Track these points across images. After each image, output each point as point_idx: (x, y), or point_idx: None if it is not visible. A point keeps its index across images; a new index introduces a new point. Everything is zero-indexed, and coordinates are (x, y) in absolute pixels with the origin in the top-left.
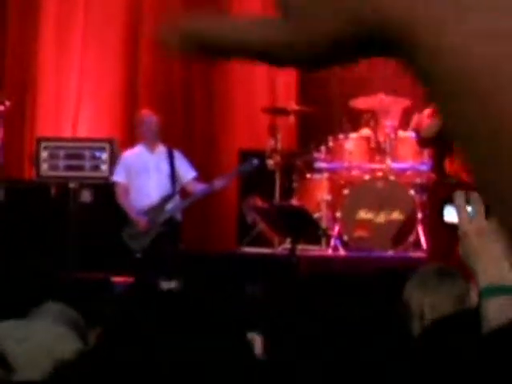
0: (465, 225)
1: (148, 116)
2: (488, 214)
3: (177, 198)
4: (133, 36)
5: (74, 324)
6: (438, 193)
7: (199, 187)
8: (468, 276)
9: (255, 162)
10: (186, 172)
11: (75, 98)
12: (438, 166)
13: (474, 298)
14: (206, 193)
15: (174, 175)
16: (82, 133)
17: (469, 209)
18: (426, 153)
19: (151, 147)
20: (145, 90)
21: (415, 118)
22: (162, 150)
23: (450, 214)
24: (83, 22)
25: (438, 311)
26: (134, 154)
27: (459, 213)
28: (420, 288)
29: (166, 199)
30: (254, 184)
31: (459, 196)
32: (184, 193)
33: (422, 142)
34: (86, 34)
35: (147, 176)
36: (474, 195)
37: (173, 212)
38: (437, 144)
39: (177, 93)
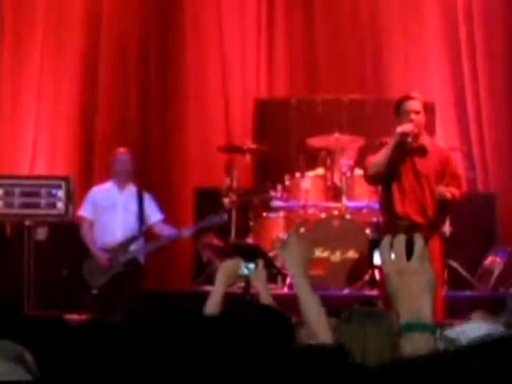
0: (387, 266)
1: (122, 154)
2: (408, 256)
3: (141, 239)
4: (90, 77)
5: (19, 359)
6: (389, 234)
7: (166, 231)
8: None
9: (225, 216)
10: (154, 214)
11: (32, 136)
12: (386, 206)
13: None
14: (173, 239)
15: (141, 216)
16: (40, 170)
17: (392, 252)
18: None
19: (121, 185)
20: (101, 129)
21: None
22: (132, 189)
23: (377, 258)
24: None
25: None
26: (103, 190)
27: (382, 256)
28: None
29: (132, 239)
30: None
31: (383, 241)
32: (149, 234)
33: (369, 178)
34: (43, 68)
35: (114, 213)
36: (398, 239)
37: (137, 253)
38: (384, 183)
39: (132, 130)
